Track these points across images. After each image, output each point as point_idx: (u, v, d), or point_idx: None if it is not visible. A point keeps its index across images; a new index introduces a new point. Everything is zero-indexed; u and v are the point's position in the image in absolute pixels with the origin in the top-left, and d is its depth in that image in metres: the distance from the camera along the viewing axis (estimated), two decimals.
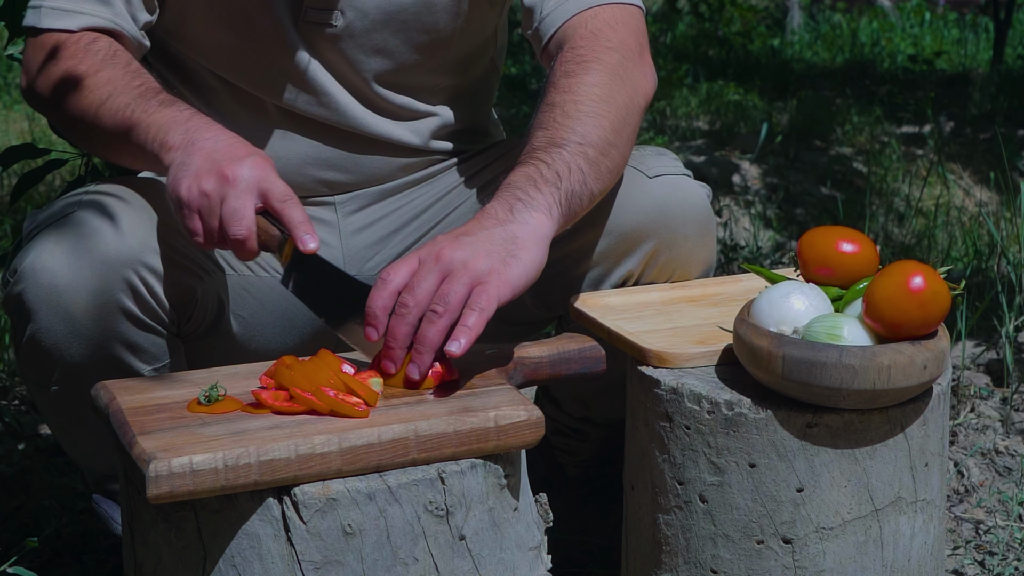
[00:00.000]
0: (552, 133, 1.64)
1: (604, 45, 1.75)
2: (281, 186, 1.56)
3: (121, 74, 1.70)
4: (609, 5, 1.80)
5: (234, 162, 1.55)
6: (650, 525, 1.64)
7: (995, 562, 2.14)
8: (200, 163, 1.56)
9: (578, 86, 1.69)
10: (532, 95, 6.31)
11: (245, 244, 1.55)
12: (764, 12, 9.82)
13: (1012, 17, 7.66)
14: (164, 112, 1.63)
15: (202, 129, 1.60)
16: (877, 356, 1.48)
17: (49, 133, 5.13)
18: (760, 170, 4.73)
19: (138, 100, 1.66)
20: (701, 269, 1.87)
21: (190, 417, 1.41)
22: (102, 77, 1.70)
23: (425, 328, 1.46)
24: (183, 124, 1.61)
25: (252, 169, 1.55)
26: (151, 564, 1.41)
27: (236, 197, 1.54)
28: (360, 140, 1.89)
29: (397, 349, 1.47)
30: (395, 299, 1.48)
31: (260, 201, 1.56)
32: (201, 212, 1.56)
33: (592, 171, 1.64)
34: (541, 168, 1.59)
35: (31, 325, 1.64)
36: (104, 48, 1.73)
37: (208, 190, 1.54)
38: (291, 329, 1.89)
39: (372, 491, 1.35)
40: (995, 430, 2.58)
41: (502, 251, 1.50)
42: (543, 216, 1.55)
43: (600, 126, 1.66)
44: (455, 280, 1.47)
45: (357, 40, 1.83)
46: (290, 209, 1.55)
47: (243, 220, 1.54)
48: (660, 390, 1.59)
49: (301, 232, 1.55)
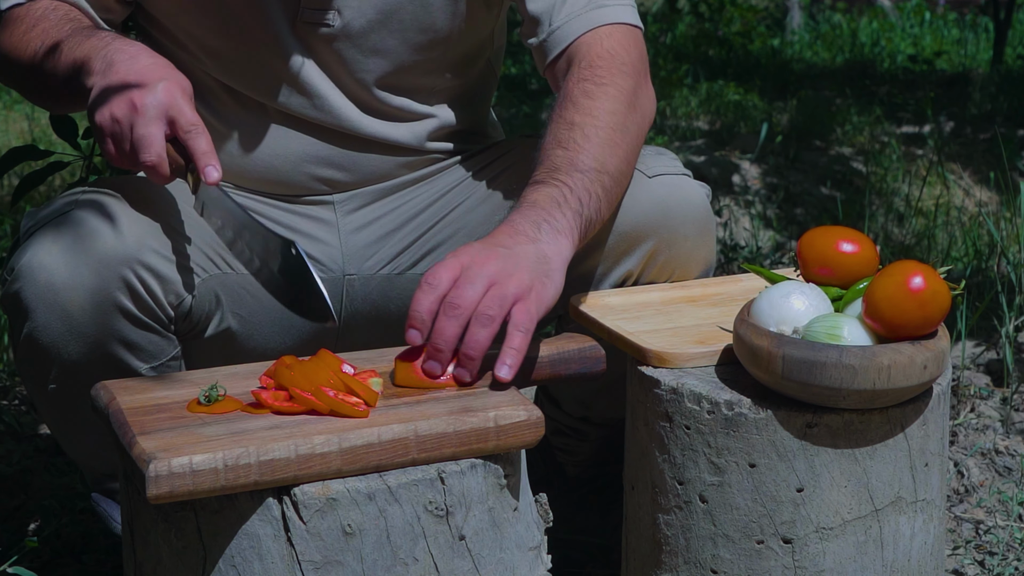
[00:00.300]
0: (573, 155, 1.66)
1: (619, 68, 1.77)
2: (188, 115, 1.60)
3: (54, 23, 1.73)
4: (618, 25, 1.82)
5: (144, 88, 1.59)
6: (650, 525, 1.64)
7: (995, 562, 2.14)
8: (112, 85, 1.60)
9: (598, 110, 1.71)
10: (532, 95, 6.31)
11: (156, 170, 1.59)
12: (764, 12, 9.82)
13: (1012, 17, 7.66)
14: (88, 42, 1.66)
15: (120, 52, 1.63)
16: (877, 356, 1.48)
17: (50, 133, 5.13)
18: (760, 170, 4.73)
19: (68, 39, 1.69)
20: (701, 269, 1.87)
21: (190, 417, 1.41)
22: (36, 31, 1.73)
23: (476, 332, 1.47)
24: (103, 49, 1.64)
25: (161, 95, 1.58)
26: (151, 564, 1.41)
27: (144, 124, 1.58)
28: (358, 140, 1.89)
29: (447, 351, 1.48)
30: (440, 304, 1.49)
31: (168, 128, 1.59)
32: (113, 137, 1.60)
33: (606, 199, 1.67)
34: (565, 192, 1.62)
35: (28, 323, 1.64)
36: (44, 6, 1.77)
37: (119, 116, 1.59)
38: (290, 329, 1.89)
39: (372, 491, 1.35)
40: (995, 430, 2.58)
41: (538, 270, 1.53)
42: (567, 240, 1.58)
43: (616, 155, 1.69)
44: (503, 287, 1.49)
45: (354, 40, 1.83)
46: (194, 139, 1.60)
47: (151, 147, 1.58)
48: (660, 390, 1.59)
49: (203, 163, 1.59)
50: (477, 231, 1.92)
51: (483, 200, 1.93)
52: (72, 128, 2.24)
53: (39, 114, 5.48)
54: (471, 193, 1.94)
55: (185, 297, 1.69)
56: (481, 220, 1.92)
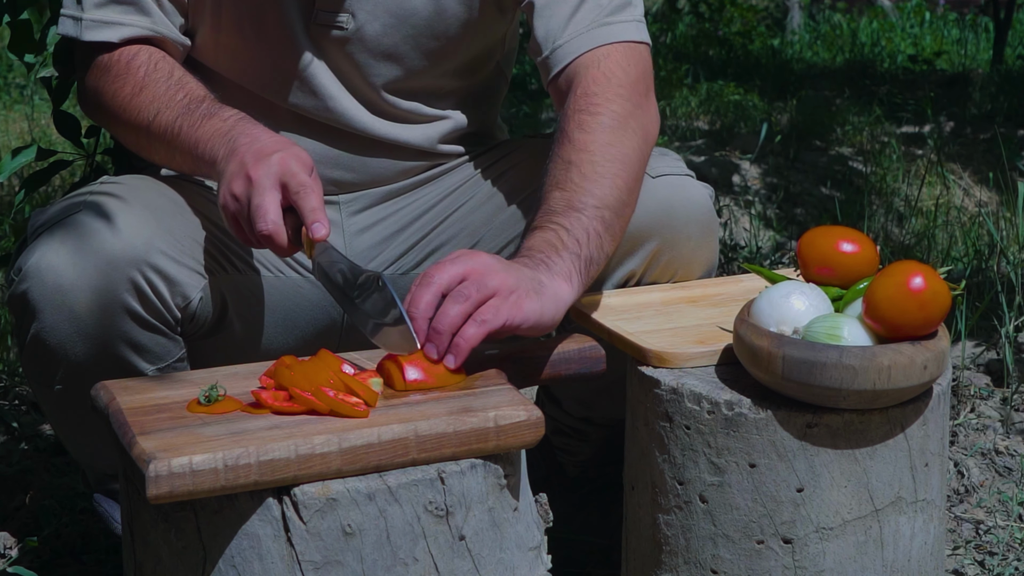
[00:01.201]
0: (570, 196, 1.65)
1: (616, 92, 1.75)
2: (299, 178, 1.58)
3: (164, 89, 1.73)
4: (621, 44, 1.79)
5: (259, 161, 1.58)
6: (650, 525, 1.64)
7: (995, 562, 2.14)
8: (233, 168, 1.59)
9: (593, 144, 1.70)
10: (532, 95, 6.31)
11: (273, 239, 1.57)
12: (764, 12, 9.82)
13: (1012, 17, 7.66)
14: (208, 125, 1.66)
15: (242, 135, 1.63)
16: (877, 356, 1.48)
17: (49, 133, 5.13)
18: (760, 170, 4.73)
19: (184, 116, 1.69)
20: (703, 269, 1.87)
21: (190, 417, 1.41)
22: (146, 96, 1.73)
23: (448, 307, 1.48)
24: (226, 135, 1.64)
25: (274, 166, 1.57)
26: (151, 564, 1.41)
27: (258, 195, 1.56)
28: (368, 143, 1.89)
29: (420, 319, 1.48)
30: (439, 300, 1.49)
31: (283, 196, 1.58)
32: (235, 215, 1.59)
33: (608, 234, 1.66)
34: (562, 235, 1.61)
35: (36, 324, 1.64)
36: (144, 63, 1.76)
37: (238, 193, 1.58)
38: (292, 329, 1.89)
39: (372, 491, 1.35)
40: (995, 430, 2.58)
41: (528, 284, 1.53)
42: (565, 284, 1.57)
43: (616, 187, 1.68)
44: (485, 276, 1.49)
45: (367, 44, 1.83)
46: (303, 198, 1.57)
47: (266, 216, 1.56)
48: (660, 390, 1.59)
49: (311, 220, 1.57)
50: (480, 231, 1.92)
51: (486, 200, 1.93)
52: (75, 126, 2.24)
53: (39, 114, 5.48)
54: (475, 193, 1.94)
55: (192, 299, 1.70)
56: (484, 220, 1.92)
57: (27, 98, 5.97)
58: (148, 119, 1.72)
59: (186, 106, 1.70)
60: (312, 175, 1.60)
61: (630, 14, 1.81)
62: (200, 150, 1.66)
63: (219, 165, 1.63)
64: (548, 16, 1.80)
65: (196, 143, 1.66)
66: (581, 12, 1.79)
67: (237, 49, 1.83)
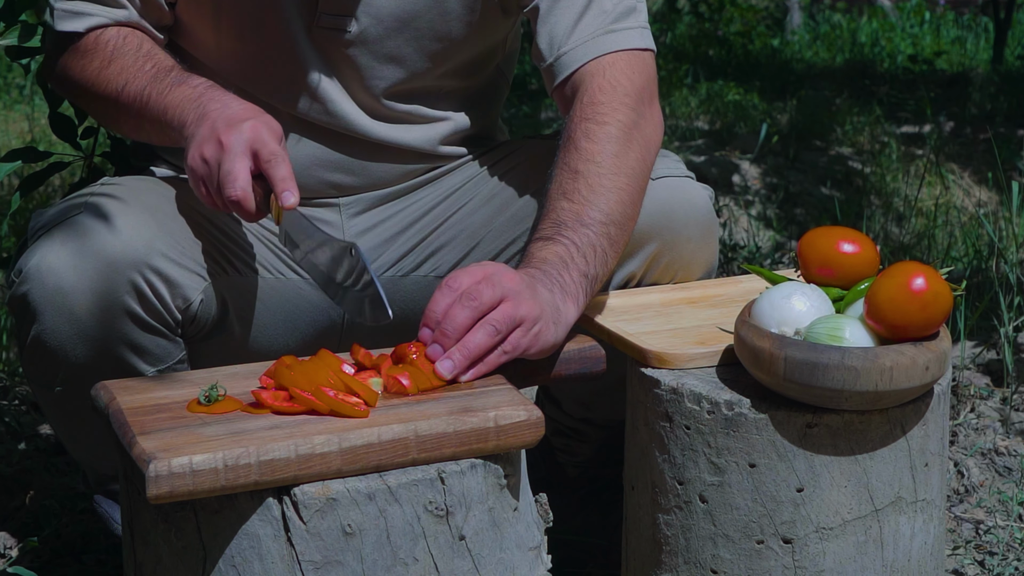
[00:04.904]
0: (578, 209, 1.66)
1: (622, 101, 1.75)
2: (271, 146, 1.60)
3: (132, 60, 1.74)
4: (626, 52, 1.80)
5: (231, 127, 1.60)
6: (650, 525, 1.64)
7: (995, 562, 2.14)
8: (204, 132, 1.62)
9: (600, 155, 1.70)
10: (532, 95, 6.30)
11: (242, 205, 1.59)
12: (764, 12, 9.81)
13: (1012, 17, 7.66)
14: (178, 91, 1.68)
15: (213, 101, 1.65)
16: (879, 358, 1.48)
17: (49, 134, 5.12)
18: (760, 170, 4.73)
19: (152, 83, 1.70)
20: (703, 270, 1.87)
21: (190, 417, 1.41)
22: (114, 68, 1.74)
23: (458, 312, 1.48)
24: (195, 100, 1.66)
25: (246, 132, 1.59)
26: (151, 564, 1.41)
27: (229, 160, 1.58)
28: (369, 146, 1.89)
29: (452, 337, 1.48)
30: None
31: (253, 164, 1.60)
32: (203, 178, 1.61)
33: (612, 250, 1.66)
34: (572, 251, 1.62)
35: (36, 326, 1.64)
36: (113, 37, 1.77)
37: (208, 156, 1.60)
38: (292, 331, 1.89)
39: (372, 491, 1.35)
40: (995, 430, 2.58)
41: (552, 314, 1.53)
42: (573, 305, 1.58)
43: (622, 200, 1.68)
44: (516, 306, 1.49)
45: (370, 47, 1.82)
46: (274, 167, 1.60)
47: (236, 182, 1.58)
48: (660, 390, 1.59)
49: (281, 188, 1.59)
50: (480, 232, 1.92)
51: (487, 201, 1.93)
52: (71, 128, 2.24)
53: (39, 114, 5.48)
54: (475, 195, 1.94)
55: (192, 301, 1.69)
56: (485, 221, 1.92)
57: (27, 98, 5.97)
58: (117, 90, 1.73)
59: (154, 75, 1.71)
60: (281, 144, 1.62)
61: (635, 20, 1.81)
62: (169, 116, 1.67)
63: (188, 129, 1.64)
64: (553, 21, 1.80)
65: (165, 109, 1.68)
66: (586, 18, 1.79)
67: (237, 52, 1.83)
